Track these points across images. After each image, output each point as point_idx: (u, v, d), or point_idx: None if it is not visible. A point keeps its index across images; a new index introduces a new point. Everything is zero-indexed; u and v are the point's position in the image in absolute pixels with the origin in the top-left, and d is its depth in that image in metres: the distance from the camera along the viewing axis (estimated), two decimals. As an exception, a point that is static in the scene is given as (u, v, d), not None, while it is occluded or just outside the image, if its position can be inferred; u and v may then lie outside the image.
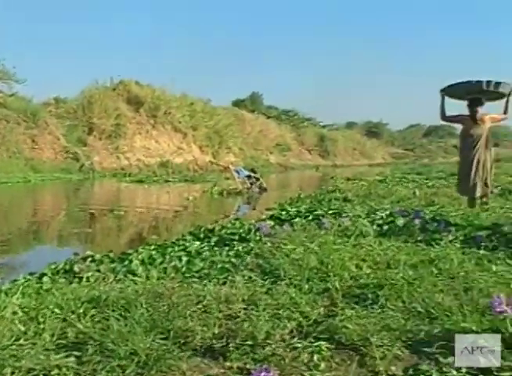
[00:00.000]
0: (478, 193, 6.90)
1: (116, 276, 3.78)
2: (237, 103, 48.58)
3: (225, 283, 3.39)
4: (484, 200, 7.01)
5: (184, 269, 4.10)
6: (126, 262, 4.39)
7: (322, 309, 2.90)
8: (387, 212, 6.32)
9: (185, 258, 4.44)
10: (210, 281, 3.47)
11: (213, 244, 5.24)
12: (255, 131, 42.47)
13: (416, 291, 3.09)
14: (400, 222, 5.51)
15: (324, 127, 58.36)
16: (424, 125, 78.28)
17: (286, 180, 26.62)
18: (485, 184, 6.87)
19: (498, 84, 6.64)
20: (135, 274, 3.86)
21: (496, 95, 6.95)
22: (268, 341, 2.44)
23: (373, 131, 66.95)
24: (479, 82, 6.65)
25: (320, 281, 3.37)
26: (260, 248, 4.46)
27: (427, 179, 15.58)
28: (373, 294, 3.09)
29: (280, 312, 2.78)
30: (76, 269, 4.11)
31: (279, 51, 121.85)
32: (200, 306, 2.85)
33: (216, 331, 2.56)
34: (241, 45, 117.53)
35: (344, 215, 6.03)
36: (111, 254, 4.78)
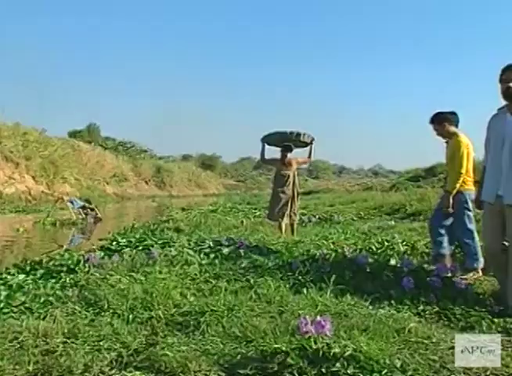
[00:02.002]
0: (286, 221, 8.29)
1: None
2: (73, 134, 46.84)
3: (45, 317, 3.26)
4: (294, 227, 8.44)
5: (2, 304, 3.86)
6: None
7: (144, 338, 2.94)
8: (215, 241, 6.54)
9: (4, 293, 4.18)
10: (30, 316, 3.32)
11: (39, 276, 5.01)
12: (92, 161, 41.13)
13: (235, 316, 3.26)
14: (226, 250, 5.75)
15: (161, 158, 58.45)
16: (255, 158, 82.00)
17: (122, 210, 26.01)
18: (294, 214, 8.34)
19: (299, 134, 8.39)
20: None
21: (303, 144, 8.67)
22: (86, 374, 2.41)
23: (207, 163, 68.59)
24: (286, 133, 8.39)
25: (144, 310, 3.40)
26: (86, 280, 4.36)
27: (255, 209, 16.32)
28: (195, 320, 3.20)
29: (101, 343, 2.76)
30: None
31: (117, 82, 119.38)
32: (14, 343, 2.71)
33: (30, 368, 2.46)
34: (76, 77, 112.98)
35: (172, 244, 6.12)
36: None
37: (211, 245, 6.31)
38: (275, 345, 2.72)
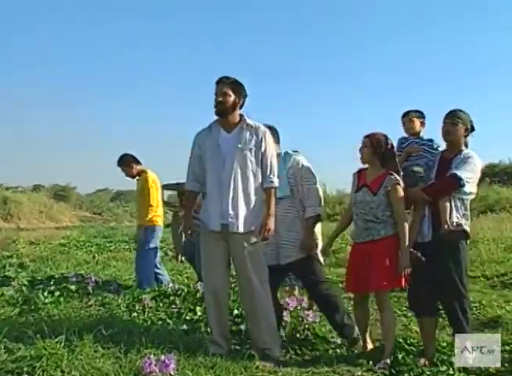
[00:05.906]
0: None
1: None
2: None
3: None
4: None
5: None
6: None
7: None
8: (62, 278, 6.17)
9: None
10: None
11: None
12: None
13: (76, 358, 3.03)
14: (73, 287, 5.43)
15: (8, 189, 54.43)
16: (112, 190, 79.62)
17: (-43, 246, 23.63)
18: None
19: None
20: None
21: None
22: None
23: (60, 194, 65.17)
24: (181, 184, 9.28)
25: (-32, 360, 3.03)
26: None
27: (111, 242, 15.74)
28: (29, 366, 2.91)
29: None
30: None
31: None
32: None
33: None
34: None
35: (12, 282, 5.65)
36: None
37: (59, 281, 5.93)
38: (117, 388, 2.58)
